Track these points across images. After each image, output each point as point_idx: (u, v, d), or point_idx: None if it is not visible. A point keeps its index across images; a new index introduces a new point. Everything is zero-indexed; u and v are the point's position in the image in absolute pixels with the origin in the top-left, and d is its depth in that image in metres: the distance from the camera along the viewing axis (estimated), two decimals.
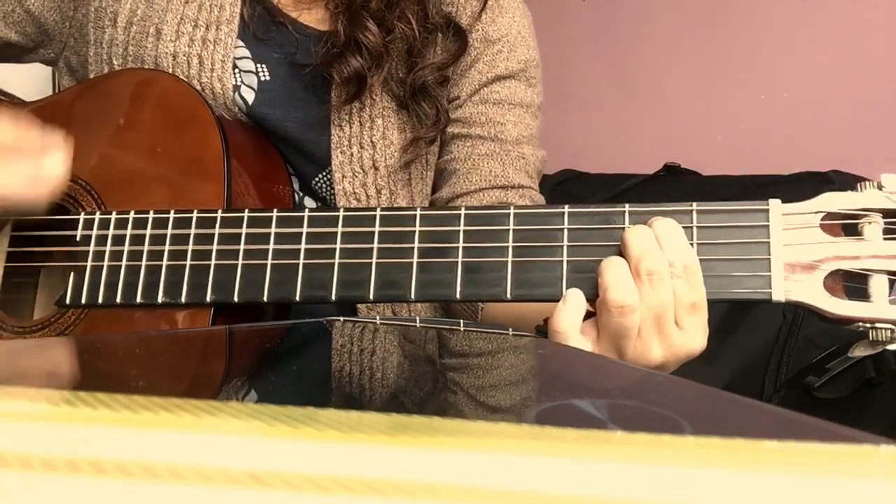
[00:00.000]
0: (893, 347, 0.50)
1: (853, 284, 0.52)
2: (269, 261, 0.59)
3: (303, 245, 0.59)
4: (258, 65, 0.75)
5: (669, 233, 0.53)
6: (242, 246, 0.60)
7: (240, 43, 0.75)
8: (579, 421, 0.30)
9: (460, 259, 0.56)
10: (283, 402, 0.28)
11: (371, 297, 0.57)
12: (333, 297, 0.58)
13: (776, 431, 0.29)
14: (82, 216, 0.64)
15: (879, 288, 0.50)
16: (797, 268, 0.51)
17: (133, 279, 0.61)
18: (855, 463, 0.24)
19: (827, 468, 0.23)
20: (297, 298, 0.58)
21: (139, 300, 0.61)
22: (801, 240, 0.52)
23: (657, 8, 1.85)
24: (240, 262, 0.60)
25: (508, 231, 0.56)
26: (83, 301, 0.62)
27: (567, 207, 0.55)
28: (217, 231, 0.61)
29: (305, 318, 0.65)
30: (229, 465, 0.22)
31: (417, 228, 0.57)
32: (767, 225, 0.52)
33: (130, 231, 0.62)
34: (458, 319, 0.76)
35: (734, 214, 0.53)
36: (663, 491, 0.21)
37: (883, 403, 1.14)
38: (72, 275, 0.63)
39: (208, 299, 0.60)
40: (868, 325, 0.50)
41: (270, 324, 0.66)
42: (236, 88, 0.74)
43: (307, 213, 0.60)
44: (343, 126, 0.75)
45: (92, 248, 0.63)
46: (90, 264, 0.63)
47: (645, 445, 0.26)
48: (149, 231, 0.62)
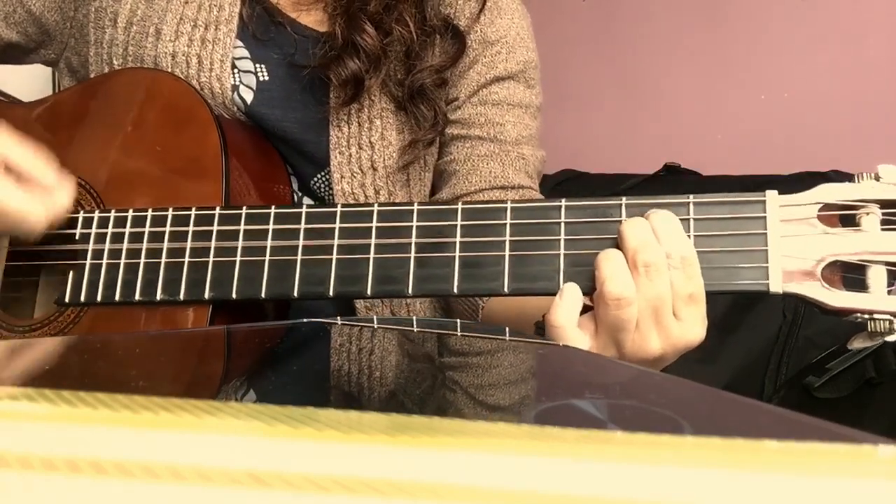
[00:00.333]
0: (892, 338, 0.50)
1: (851, 275, 0.52)
2: (267, 257, 0.59)
3: (300, 241, 0.59)
4: (257, 65, 0.76)
5: (666, 224, 0.53)
6: (240, 243, 0.60)
7: (239, 43, 0.75)
8: (579, 421, 0.30)
9: (457, 254, 0.56)
10: (283, 403, 0.28)
11: (369, 293, 0.57)
12: (331, 293, 0.58)
13: (776, 431, 0.29)
14: (81, 214, 0.64)
15: (877, 279, 0.50)
16: (795, 259, 0.51)
17: (132, 277, 0.62)
18: (855, 463, 0.24)
19: (827, 468, 0.23)
20: (295, 294, 0.58)
21: (138, 298, 0.61)
22: (799, 231, 0.52)
23: (657, 8, 1.85)
24: (238, 259, 0.60)
25: (505, 225, 0.56)
26: (82, 299, 0.62)
27: (564, 201, 0.55)
28: (215, 228, 0.61)
29: (304, 316, 0.65)
30: (229, 465, 0.22)
31: (415, 224, 0.57)
32: (764, 216, 0.52)
33: (129, 229, 0.62)
34: (457, 320, 0.76)
35: (731, 206, 0.53)
36: (663, 491, 0.21)
37: (883, 403, 1.14)
38: (71, 273, 0.63)
39: (207, 296, 0.60)
40: (866, 316, 0.50)
41: (270, 324, 0.66)
42: (235, 88, 0.74)
43: (305, 210, 0.60)
44: (342, 127, 0.75)
45: (91, 247, 0.63)
46: (89, 262, 0.63)
47: (645, 445, 0.26)
48: (147, 229, 0.62)
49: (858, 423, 1.02)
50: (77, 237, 0.64)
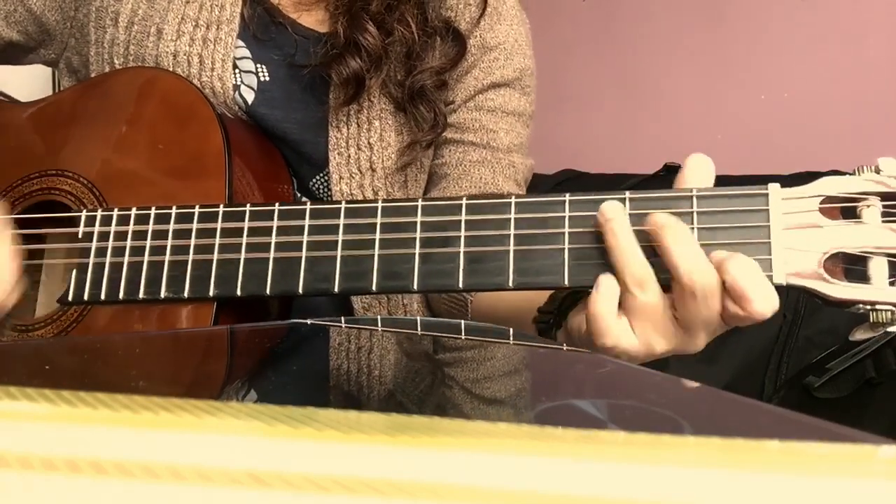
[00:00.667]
0: (894, 329, 0.50)
1: (853, 267, 0.52)
2: (272, 254, 0.59)
3: (305, 238, 0.59)
4: (258, 65, 0.76)
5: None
6: (245, 240, 0.60)
7: (240, 43, 0.75)
8: (579, 421, 0.30)
9: (462, 249, 0.56)
10: (283, 403, 0.28)
11: (374, 289, 0.57)
12: (336, 290, 0.58)
13: (776, 431, 0.29)
14: (84, 213, 0.64)
15: (879, 270, 0.51)
16: (797, 251, 0.52)
17: (135, 275, 0.61)
18: (855, 463, 0.24)
19: (827, 468, 0.23)
20: (300, 291, 0.58)
21: (142, 296, 0.61)
22: (801, 223, 0.52)
23: (657, 8, 1.85)
24: (242, 256, 0.60)
25: (510, 220, 0.56)
26: (86, 298, 0.62)
27: (568, 195, 0.55)
28: (219, 225, 0.61)
29: (304, 315, 0.65)
30: (229, 465, 0.22)
31: (419, 219, 0.58)
32: (767, 209, 0.53)
33: (132, 227, 0.62)
34: (461, 321, 0.76)
35: (734, 199, 0.53)
36: (663, 491, 0.21)
37: (883, 403, 1.14)
38: (74, 272, 0.63)
39: (211, 293, 0.60)
40: (868, 307, 0.51)
41: (269, 324, 0.66)
42: (236, 88, 0.74)
43: (309, 207, 0.60)
44: (341, 128, 0.75)
45: (94, 245, 0.63)
46: (92, 261, 0.63)
47: (645, 445, 0.26)
48: (151, 227, 0.62)
49: (858, 423, 1.02)
50: (80, 236, 0.64)
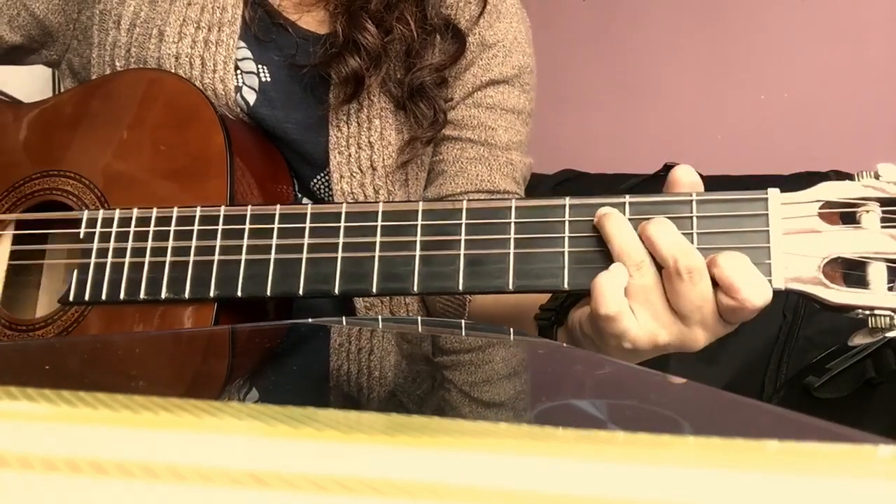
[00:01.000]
0: (892, 334, 0.50)
1: (852, 272, 0.52)
2: (273, 256, 0.59)
3: (306, 240, 0.59)
4: (259, 66, 0.76)
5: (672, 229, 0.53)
6: (245, 241, 0.60)
7: (241, 44, 0.75)
8: (579, 421, 0.30)
9: (462, 252, 0.57)
10: (283, 403, 0.28)
11: (374, 291, 0.58)
12: (336, 291, 0.58)
13: (776, 431, 0.29)
14: (85, 214, 0.64)
15: (878, 275, 0.51)
16: (796, 256, 0.52)
17: (136, 275, 0.62)
18: (855, 463, 0.24)
19: (827, 468, 0.23)
20: (301, 293, 0.59)
21: (142, 296, 0.61)
22: (800, 228, 0.52)
23: (657, 8, 1.85)
24: (243, 258, 0.60)
25: (510, 224, 0.56)
26: (86, 298, 0.63)
27: (568, 199, 0.56)
28: (220, 227, 0.61)
29: (306, 316, 0.65)
30: (229, 465, 0.22)
31: (419, 222, 0.58)
32: (767, 213, 0.53)
33: (133, 228, 0.63)
34: (461, 320, 0.77)
35: (733, 204, 0.54)
36: (663, 491, 0.21)
37: (883, 403, 1.14)
38: (75, 272, 0.63)
39: (212, 294, 0.60)
40: (867, 313, 0.51)
41: (270, 324, 0.66)
42: (238, 89, 0.74)
43: (310, 209, 0.60)
44: (341, 127, 0.75)
45: (95, 245, 0.63)
46: (93, 261, 0.63)
47: (645, 445, 0.26)
48: (152, 228, 0.62)
49: (858, 423, 1.02)
50: (81, 236, 0.64)
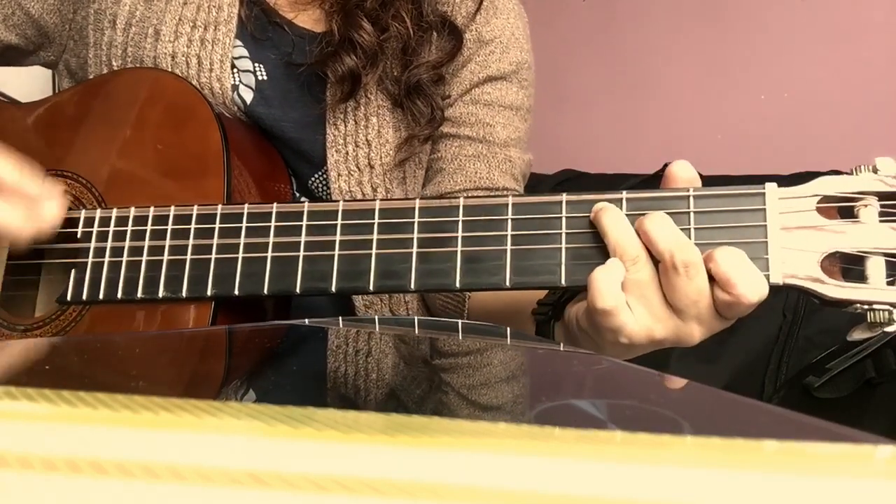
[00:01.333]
0: (891, 329, 0.50)
1: (850, 267, 0.52)
2: (269, 254, 0.59)
3: (303, 238, 0.59)
4: (256, 64, 0.76)
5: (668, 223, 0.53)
6: (243, 240, 0.60)
7: (238, 42, 0.75)
8: (579, 421, 0.30)
9: (459, 248, 0.57)
10: (283, 403, 0.28)
11: (371, 288, 0.58)
12: (334, 289, 0.58)
13: (776, 431, 0.29)
14: (83, 213, 0.64)
15: (876, 270, 0.51)
16: (794, 251, 0.52)
17: (134, 274, 0.62)
18: (855, 463, 0.24)
19: (827, 468, 0.23)
20: (298, 291, 0.59)
21: (140, 295, 0.61)
22: (798, 223, 0.52)
23: (657, 8, 1.85)
24: (240, 256, 0.60)
25: (507, 220, 0.56)
26: (84, 297, 0.63)
27: (564, 196, 0.56)
28: (217, 226, 0.61)
29: (304, 315, 0.65)
30: (229, 465, 0.22)
31: (416, 219, 0.58)
32: (764, 209, 0.53)
33: (131, 227, 0.63)
34: (458, 320, 0.76)
35: (731, 199, 0.54)
36: (663, 491, 0.21)
37: (883, 403, 1.14)
38: (73, 272, 0.63)
39: (209, 293, 0.60)
40: (866, 307, 0.51)
41: (269, 324, 0.66)
42: (235, 88, 0.74)
43: (307, 207, 0.60)
44: (338, 125, 0.75)
45: (93, 245, 0.63)
46: (91, 261, 0.63)
47: (645, 445, 0.26)
48: (149, 227, 0.62)
49: (858, 423, 1.02)
50: (79, 236, 0.64)
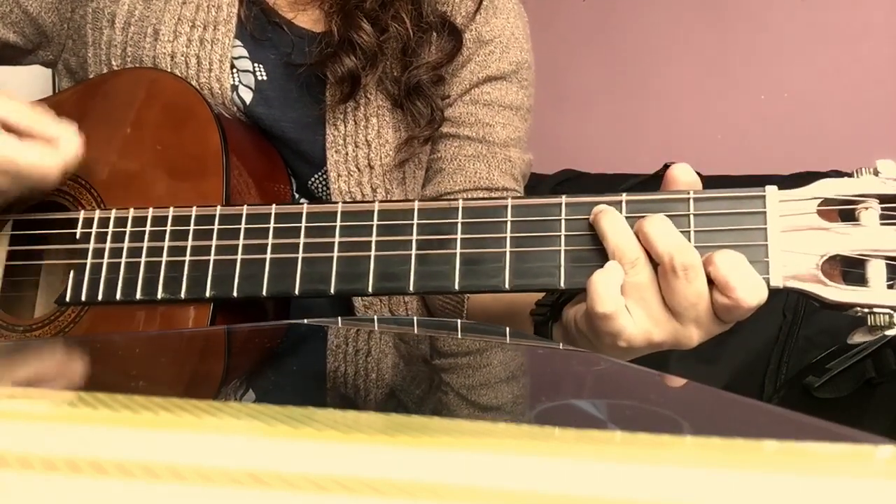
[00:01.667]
0: (892, 332, 0.50)
1: (851, 270, 0.52)
2: (268, 255, 0.59)
3: (301, 239, 0.59)
4: (255, 64, 0.76)
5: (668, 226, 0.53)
6: (241, 241, 0.60)
7: (237, 42, 0.75)
8: (579, 421, 0.30)
9: (458, 251, 0.57)
10: (283, 403, 0.28)
11: (370, 290, 0.57)
12: (332, 291, 0.58)
13: (776, 431, 0.29)
14: (82, 214, 0.64)
15: (877, 273, 0.50)
16: (795, 254, 0.51)
17: (133, 276, 0.62)
18: (855, 463, 0.24)
19: (827, 468, 0.23)
20: (297, 292, 0.59)
21: (139, 296, 0.61)
22: (799, 226, 0.52)
23: (657, 8, 1.85)
24: (239, 257, 0.60)
25: (506, 223, 0.56)
26: (83, 298, 0.63)
27: (564, 198, 0.56)
28: (216, 227, 0.61)
29: (304, 316, 0.65)
30: (229, 465, 0.22)
31: (416, 221, 0.58)
32: (764, 211, 0.53)
33: (130, 228, 0.63)
34: (457, 320, 0.76)
35: (731, 201, 0.53)
36: (663, 491, 0.21)
37: (883, 403, 1.14)
38: (72, 272, 0.63)
39: (207, 294, 0.60)
40: (866, 311, 0.51)
41: (269, 324, 0.66)
42: (234, 88, 0.74)
43: (306, 209, 0.60)
44: (338, 125, 0.75)
45: (91, 246, 0.63)
46: (90, 262, 0.63)
47: (645, 445, 0.26)
48: (148, 228, 0.62)
49: (858, 423, 1.02)
50: (78, 237, 0.64)
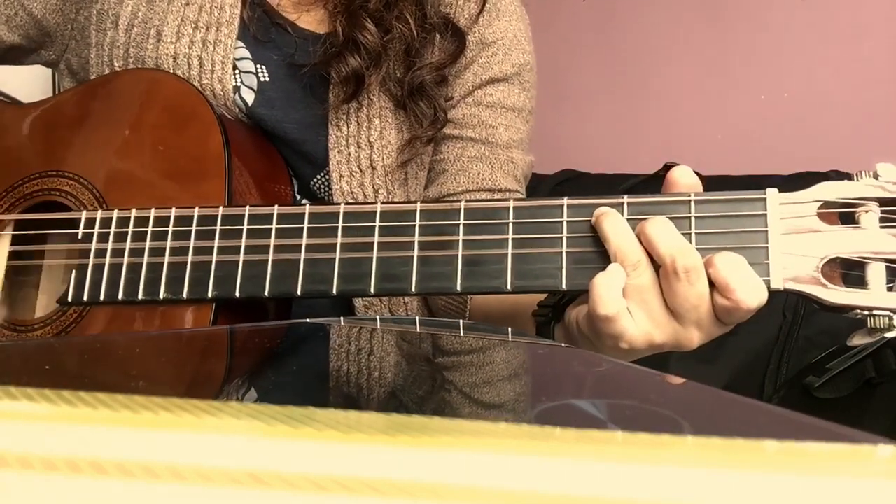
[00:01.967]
0: (891, 335, 0.50)
1: (851, 272, 0.52)
2: (271, 256, 0.59)
3: (304, 240, 0.59)
4: (258, 66, 0.76)
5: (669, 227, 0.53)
6: (244, 242, 0.60)
7: (240, 44, 0.75)
8: (579, 421, 0.30)
9: (460, 252, 0.57)
10: (283, 403, 0.28)
11: (372, 291, 0.58)
12: (334, 292, 0.58)
13: (776, 431, 0.29)
14: (84, 214, 0.64)
15: (877, 275, 0.51)
16: (795, 256, 0.52)
17: (135, 276, 0.62)
18: (855, 463, 0.24)
19: (827, 468, 0.23)
20: (299, 293, 0.59)
21: (141, 297, 0.61)
22: (799, 228, 0.52)
23: (657, 8, 1.85)
24: (241, 258, 0.60)
25: (508, 224, 0.56)
26: (85, 298, 0.63)
27: (566, 199, 0.56)
28: (218, 227, 0.61)
29: (305, 316, 0.65)
30: (229, 465, 0.22)
31: (418, 223, 0.58)
32: (765, 214, 0.53)
33: (132, 229, 0.63)
34: (460, 320, 0.77)
35: (732, 204, 0.54)
36: (663, 491, 0.21)
37: (883, 403, 1.14)
38: (73, 273, 0.63)
39: (210, 295, 0.60)
40: (866, 313, 0.51)
41: (269, 324, 0.66)
42: (236, 89, 0.74)
43: (308, 209, 0.60)
44: (341, 126, 0.75)
45: (94, 246, 0.63)
46: (92, 262, 0.63)
47: (645, 445, 0.26)
48: (150, 228, 0.62)
49: (858, 423, 1.02)
50: (80, 237, 0.64)
